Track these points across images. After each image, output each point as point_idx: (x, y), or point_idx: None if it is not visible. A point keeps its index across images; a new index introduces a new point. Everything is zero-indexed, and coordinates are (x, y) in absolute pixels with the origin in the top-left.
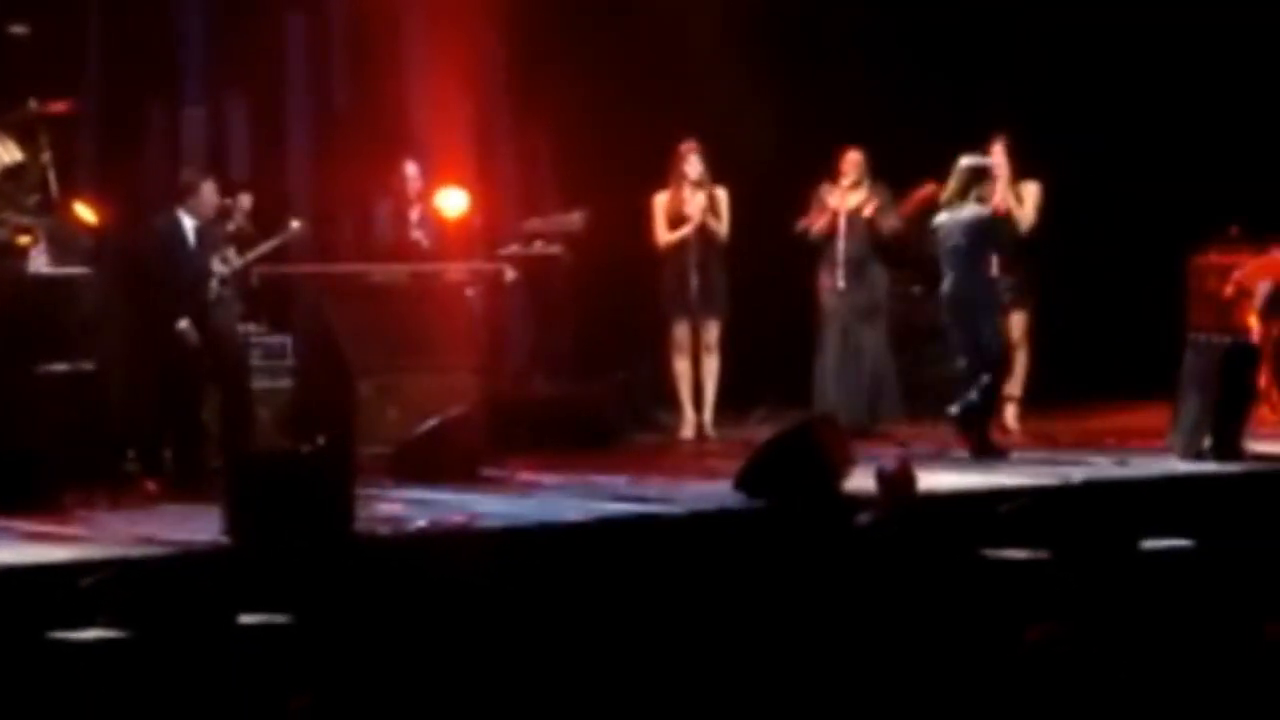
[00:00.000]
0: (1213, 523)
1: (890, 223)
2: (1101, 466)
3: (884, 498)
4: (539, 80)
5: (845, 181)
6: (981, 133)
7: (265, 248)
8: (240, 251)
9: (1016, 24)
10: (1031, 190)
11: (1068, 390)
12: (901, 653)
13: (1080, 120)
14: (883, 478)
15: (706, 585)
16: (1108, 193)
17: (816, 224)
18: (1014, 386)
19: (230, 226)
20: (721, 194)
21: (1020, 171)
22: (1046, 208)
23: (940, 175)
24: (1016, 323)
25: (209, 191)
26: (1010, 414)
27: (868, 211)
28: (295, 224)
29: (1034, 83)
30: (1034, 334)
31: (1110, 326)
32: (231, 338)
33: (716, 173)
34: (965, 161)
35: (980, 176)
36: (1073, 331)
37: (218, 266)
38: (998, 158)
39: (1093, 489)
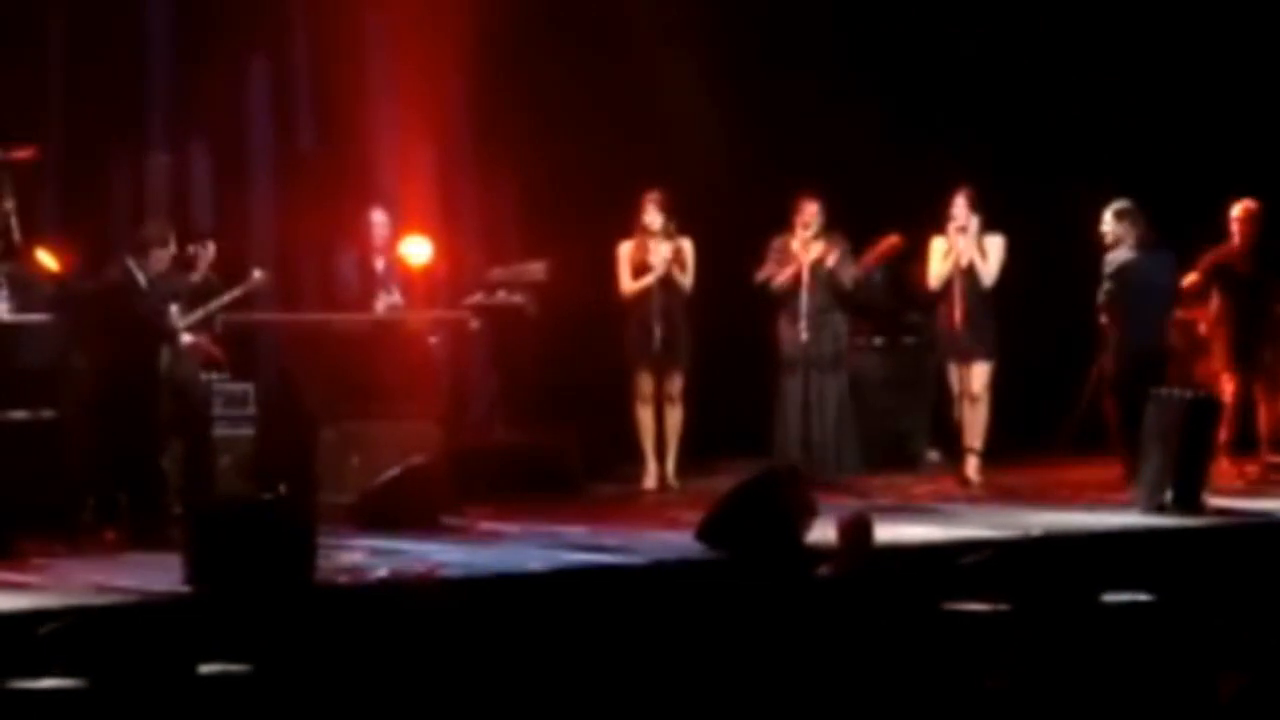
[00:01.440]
0: (1174, 576)
1: (851, 272)
2: (1062, 519)
3: (844, 550)
4: (504, 129)
5: (807, 233)
6: (945, 185)
7: (228, 298)
8: (203, 301)
9: (981, 77)
10: (995, 243)
11: (1029, 443)
12: (862, 705)
13: (1043, 174)
14: (843, 530)
15: (668, 636)
16: (1070, 246)
17: (780, 276)
18: (974, 439)
19: (195, 277)
20: (687, 244)
21: (984, 225)
22: (1010, 261)
23: (902, 227)
24: (978, 374)
25: (160, 256)
26: (971, 466)
27: (830, 262)
28: (258, 274)
29: (998, 135)
30: (995, 387)
31: (1069, 380)
32: (195, 385)
33: (681, 223)
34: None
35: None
36: (1034, 384)
37: (173, 319)
38: (960, 210)
39: (1053, 542)
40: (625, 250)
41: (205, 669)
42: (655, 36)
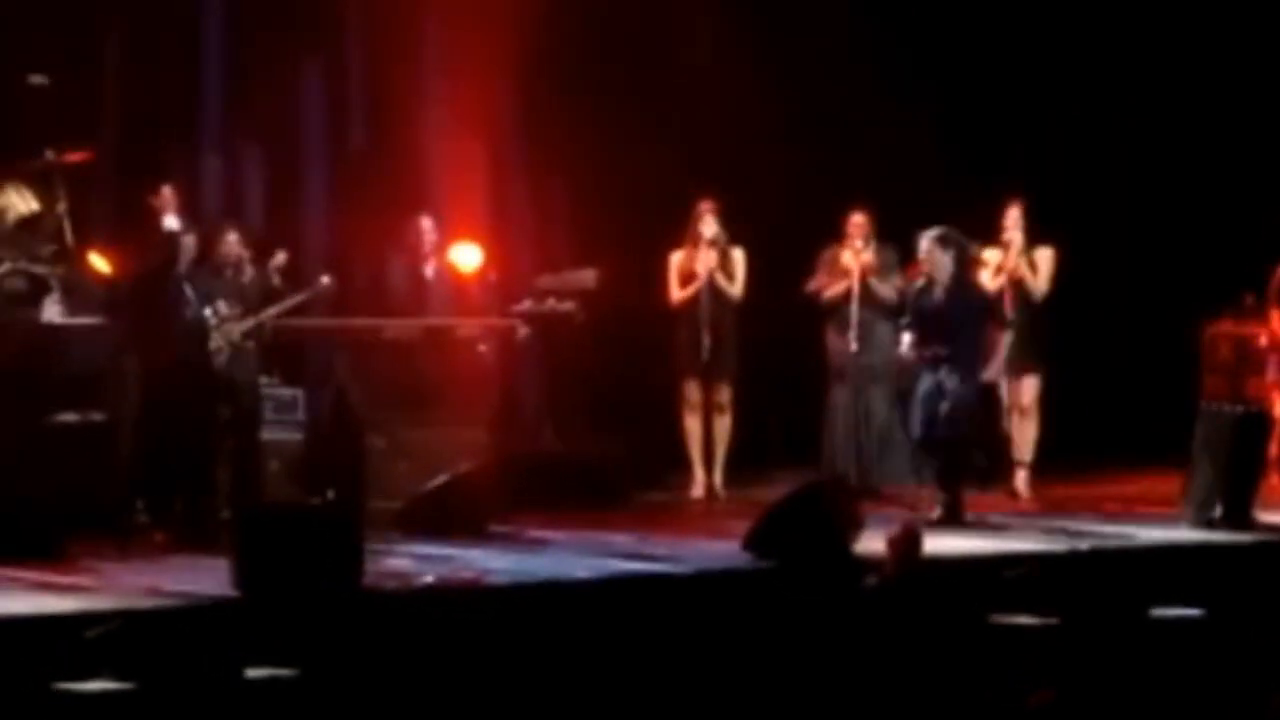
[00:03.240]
0: (1223, 592)
1: (896, 285)
2: (1111, 533)
3: (893, 561)
4: (556, 136)
5: (856, 243)
6: (996, 197)
7: (291, 302)
8: (265, 304)
9: (1033, 89)
10: (1045, 256)
11: (1078, 457)
12: (907, 717)
13: (1094, 186)
14: (892, 541)
15: (713, 645)
16: (1121, 259)
17: (831, 288)
18: (1024, 452)
19: (244, 279)
20: (738, 254)
21: (1034, 237)
22: (1060, 274)
23: None
24: (1028, 388)
25: (188, 244)
26: (1021, 480)
27: (872, 276)
28: (325, 280)
29: (1049, 148)
30: (1045, 400)
31: (1121, 393)
32: (249, 389)
33: (733, 232)
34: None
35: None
36: (1084, 398)
37: (210, 317)
38: (1012, 222)
39: (1102, 556)
40: (676, 259)
41: (252, 673)
42: (707, 45)
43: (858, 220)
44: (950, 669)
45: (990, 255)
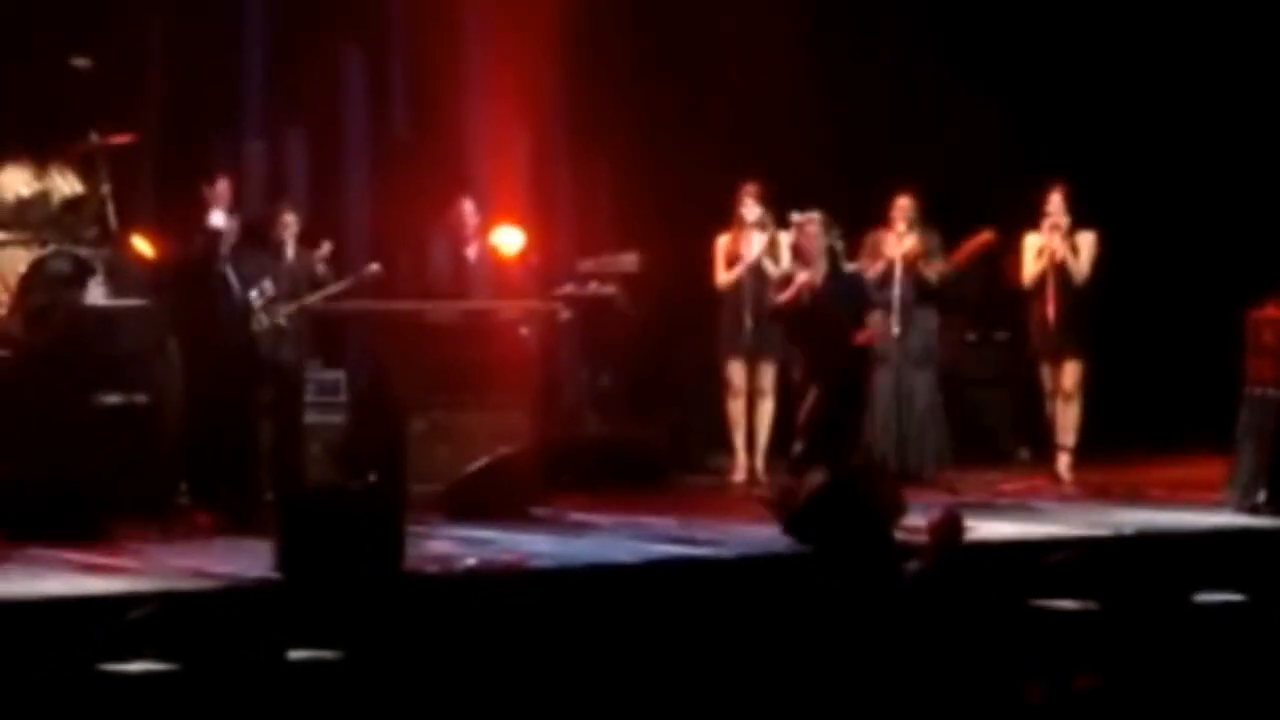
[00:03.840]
0: (1266, 578)
1: (938, 268)
2: (1154, 518)
3: (932, 546)
4: (598, 119)
5: (899, 227)
6: (1040, 180)
7: (337, 287)
8: (312, 288)
9: (1078, 73)
10: (1087, 240)
11: (1122, 442)
12: (948, 702)
13: (1138, 171)
14: (933, 526)
15: (754, 629)
16: (1165, 243)
17: (872, 270)
18: (1067, 436)
19: (290, 260)
20: (783, 237)
21: (1077, 221)
22: (1102, 258)
23: (999, 221)
24: (1070, 372)
25: (230, 229)
26: (1063, 463)
27: (916, 257)
28: (374, 266)
29: (1093, 131)
30: (1088, 384)
31: (1165, 378)
32: (292, 372)
33: (776, 215)
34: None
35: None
36: (1127, 383)
37: (256, 299)
38: (1056, 206)
39: (1145, 541)
40: (722, 243)
41: (294, 655)
42: (751, 28)
43: (903, 203)
44: (991, 654)
45: (1032, 239)
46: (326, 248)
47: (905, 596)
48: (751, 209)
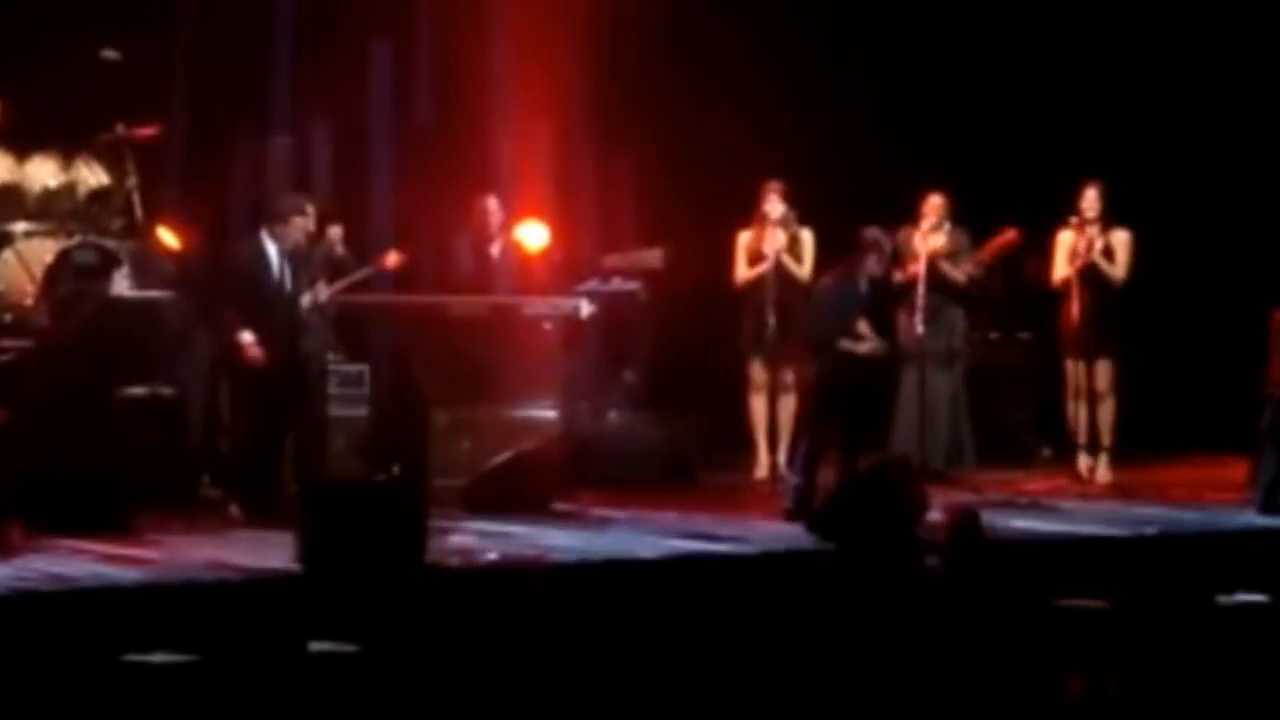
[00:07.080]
0: None
1: (965, 268)
2: (1177, 519)
3: (954, 544)
4: (624, 115)
5: (926, 225)
6: (1073, 179)
7: (358, 275)
8: (332, 281)
9: (1110, 72)
10: (1122, 239)
11: (1146, 442)
12: (969, 699)
13: (1167, 171)
14: (954, 524)
15: (776, 626)
16: (1190, 243)
17: (900, 272)
18: (1104, 436)
19: (338, 250)
20: (806, 235)
21: (1112, 219)
22: (1137, 256)
23: (1028, 221)
24: (1103, 372)
25: (300, 225)
26: (1102, 464)
27: (941, 256)
28: (394, 255)
29: (1125, 131)
30: (1120, 384)
31: (1189, 378)
32: (316, 364)
33: (801, 213)
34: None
35: None
36: (1153, 383)
37: (306, 299)
38: (1090, 204)
39: (1168, 541)
40: (744, 239)
41: (315, 647)
42: (776, 24)
43: (934, 202)
44: (1013, 652)
45: (1065, 237)
46: (338, 229)
47: (927, 593)
48: (775, 206)
